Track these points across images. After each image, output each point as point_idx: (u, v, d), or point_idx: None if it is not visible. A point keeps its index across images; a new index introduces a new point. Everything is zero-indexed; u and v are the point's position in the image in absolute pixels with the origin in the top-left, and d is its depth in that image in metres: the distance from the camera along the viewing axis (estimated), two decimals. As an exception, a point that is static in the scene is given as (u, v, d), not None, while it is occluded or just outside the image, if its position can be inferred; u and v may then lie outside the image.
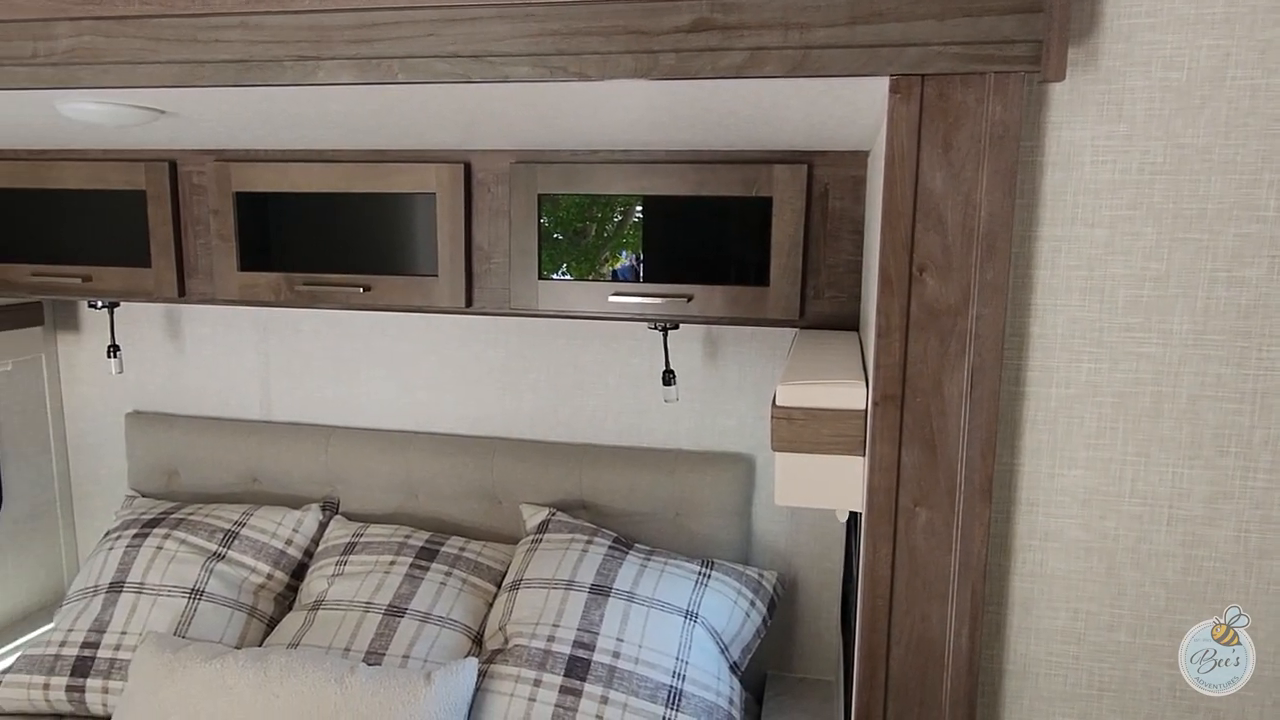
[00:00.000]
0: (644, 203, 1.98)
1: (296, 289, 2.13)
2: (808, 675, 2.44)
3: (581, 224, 2.03)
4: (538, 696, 1.96)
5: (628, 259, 2.02)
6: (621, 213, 2.01)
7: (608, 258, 2.03)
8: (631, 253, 2.01)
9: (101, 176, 2.16)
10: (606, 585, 2.12)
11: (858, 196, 1.90)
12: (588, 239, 2.03)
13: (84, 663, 2.16)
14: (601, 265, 2.03)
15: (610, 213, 2.01)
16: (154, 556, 2.31)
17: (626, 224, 2.01)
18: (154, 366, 2.69)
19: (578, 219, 2.02)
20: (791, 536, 2.40)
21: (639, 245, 2.01)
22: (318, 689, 1.86)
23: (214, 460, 2.60)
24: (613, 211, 2.01)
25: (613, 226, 2.02)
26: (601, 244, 2.02)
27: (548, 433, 2.49)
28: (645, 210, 1.98)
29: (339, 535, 2.42)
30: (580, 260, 2.03)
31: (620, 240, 2.02)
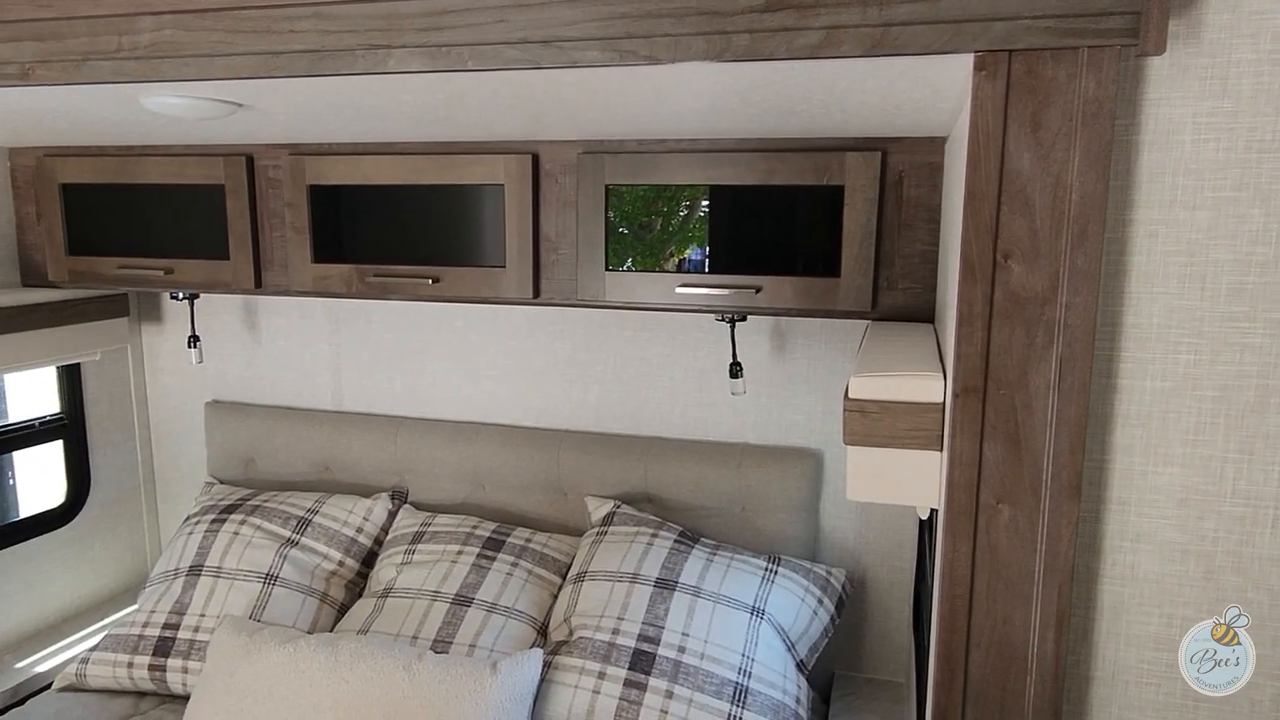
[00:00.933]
0: (711, 193, 1.95)
1: (367, 280, 2.15)
2: (876, 676, 2.39)
3: (647, 218, 2.00)
4: (602, 689, 1.95)
5: (695, 253, 1.99)
6: (687, 206, 1.98)
7: (673, 251, 2.00)
8: (698, 246, 1.98)
9: (182, 171, 2.22)
10: (672, 579, 2.10)
11: (934, 184, 1.84)
12: (653, 233, 2.01)
13: (165, 643, 2.23)
14: (666, 260, 2.00)
15: (676, 206, 1.99)
16: (231, 542, 2.38)
17: (693, 218, 1.98)
18: (232, 357, 2.77)
19: (643, 213, 2.00)
20: (861, 534, 2.34)
21: (705, 238, 1.98)
22: (386, 675, 1.88)
23: (288, 449, 2.66)
24: (678, 205, 1.99)
25: (678, 220, 1.99)
26: (667, 238, 2.00)
27: (613, 425, 2.48)
28: (712, 201, 1.95)
29: (408, 524, 2.45)
30: (645, 254, 2.01)
31: (686, 234, 1.99)
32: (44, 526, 2.58)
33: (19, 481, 2.85)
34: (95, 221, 2.34)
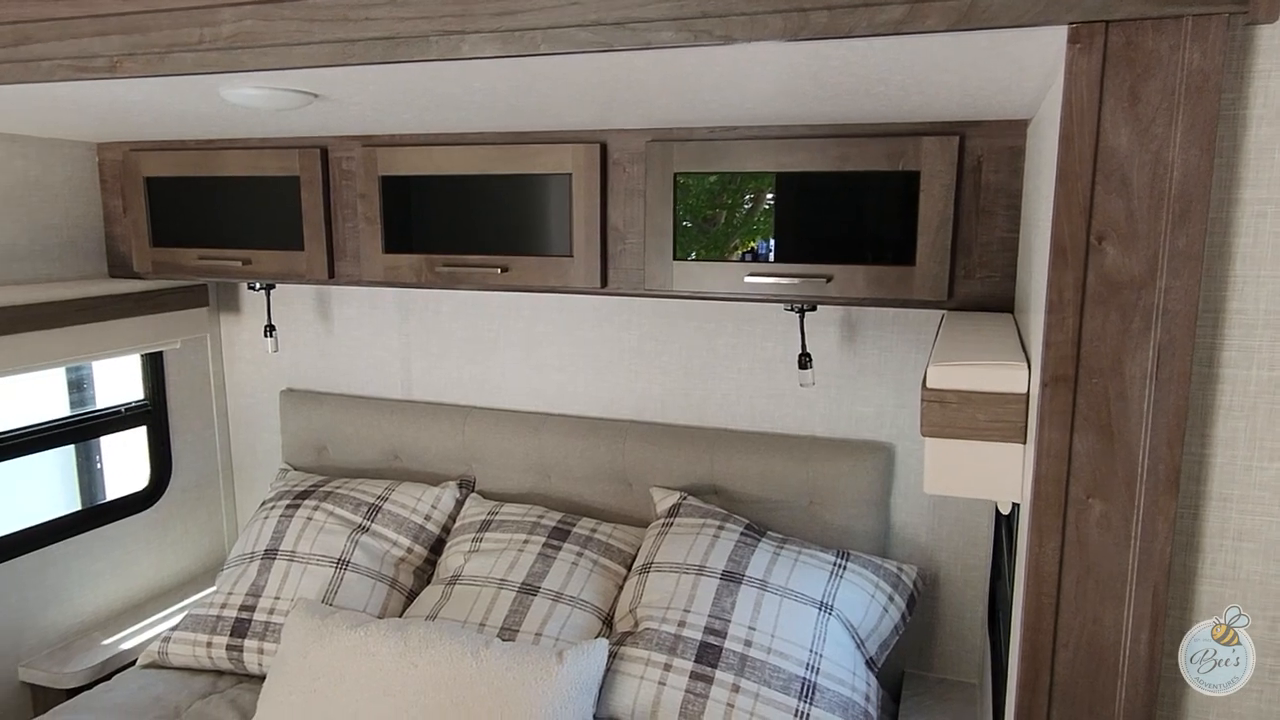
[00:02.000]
0: (781, 181, 1.91)
1: (437, 270, 2.17)
2: (948, 676, 2.33)
3: (711, 211, 1.98)
4: (668, 681, 1.94)
5: (760, 246, 1.96)
6: (752, 199, 1.95)
7: (737, 245, 1.97)
8: (763, 239, 1.95)
9: (259, 164, 2.27)
10: (738, 572, 2.07)
11: (1015, 169, 1.77)
12: (717, 226, 1.98)
13: (242, 624, 2.29)
14: (730, 254, 1.97)
15: (740, 199, 1.96)
16: (304, 527, 2.43)
17: (757, 210, 1.95)
18: (305, 346, 2.83)
19: (707, 206, 1.98)
20: (934, 530, 2.28)
21: (770, 230, 1.94)
22: (455, 661, 1.90)
23: (359, 437, 2.70)
24: (742, 198, 1.95)
25: (743, 214, 1.96)
26: (731, 231, 1.97)
27: (679, 416, 2.46)
28: (783, 188, 1.91)
29: (475, 513, 2.47)
30: (709, 248, 1.99)
31: (751, 227, 1.96)
32: (129, 509, 2.68)
33: (106, 465, 2.96)
34: (177, 214, 2.41)
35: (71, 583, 2.51)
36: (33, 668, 2.38)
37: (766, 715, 1.87)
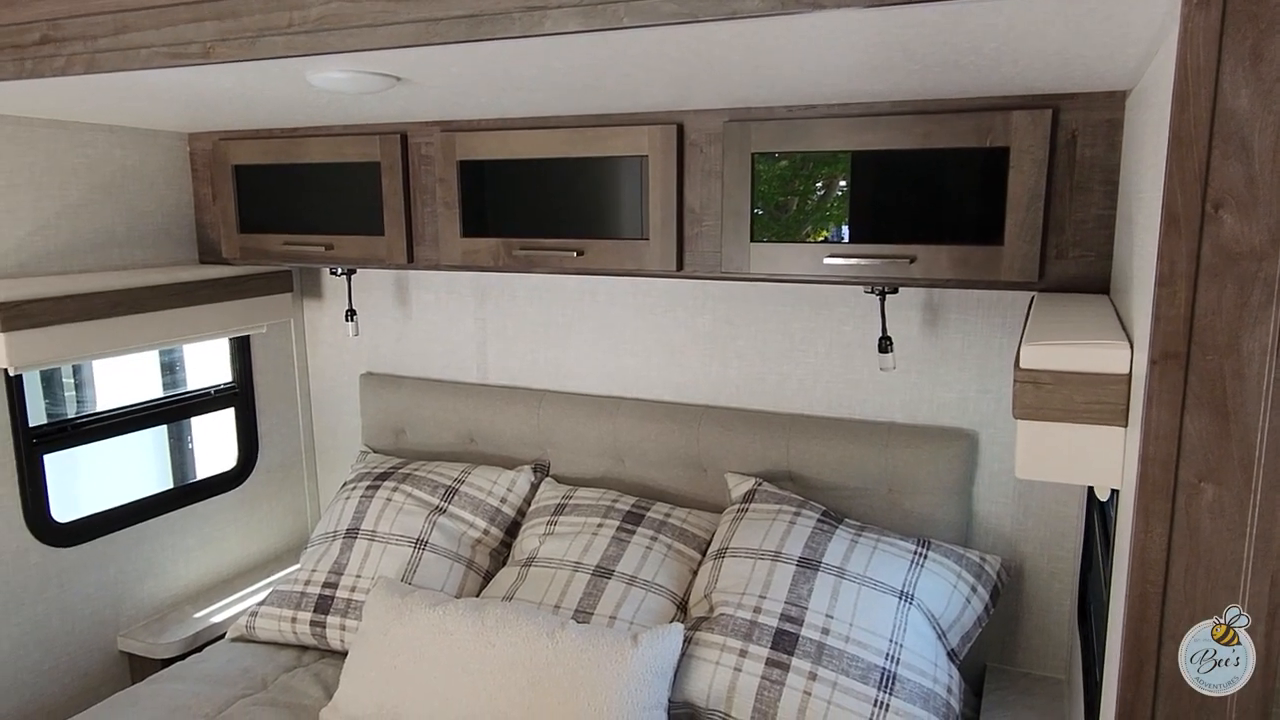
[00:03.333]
0: (862, 159, 1.86)
1: (514, 254, 2.19)
2: (1032, 671, 2.25)
3: (782, 198, 1.94)
4: (743, 667, 1.92)
5: (833, 233, 1.91)
6: (824, 186, 1.90)
7: (809, 233, 1.93)
8: (835, 226, 1.90)
9: (341, 150, 2.31)
10: (815, 559, 2.04)
11: (1112, 143, 1.70)
12: (788, 214, 1.94)
13: (325, 601, 2.35)
14: (803, 241, 1.94)
15: (812, 186, 1.91)
16: (384, 507, 2.48)
17: (830, 197, 1.91)
18: (384, 331, 2.88)
19: (779, 193, 1.94)
20: (1019, 520, 2.21)
21: (843, 218, 1.90)
22: (530, 641, 1.92)
23: (436, 420, 2.75)
24: (814, 184, 1.91)
25: (815, 200, 1.92)
26: (803, 219, 1.93)
27: (754, 401, 2.44)
28: (863, 167, 1.87)
29: (549, 496, 2.48)
30: (780, 236, 1.95)
31: (823, 213, 1.91)
32: (219, 488, 2.77)
33: (196, 445, 3.07)
34: (263, 201, 2.47)
35: (165, 558, 2.61)
36: (130, 637, 2.48)
37: (845, 705, 1.83)
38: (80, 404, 2.97)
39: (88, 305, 2.18)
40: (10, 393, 2.19)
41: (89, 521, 2.41)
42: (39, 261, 2.22)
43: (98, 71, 1.47)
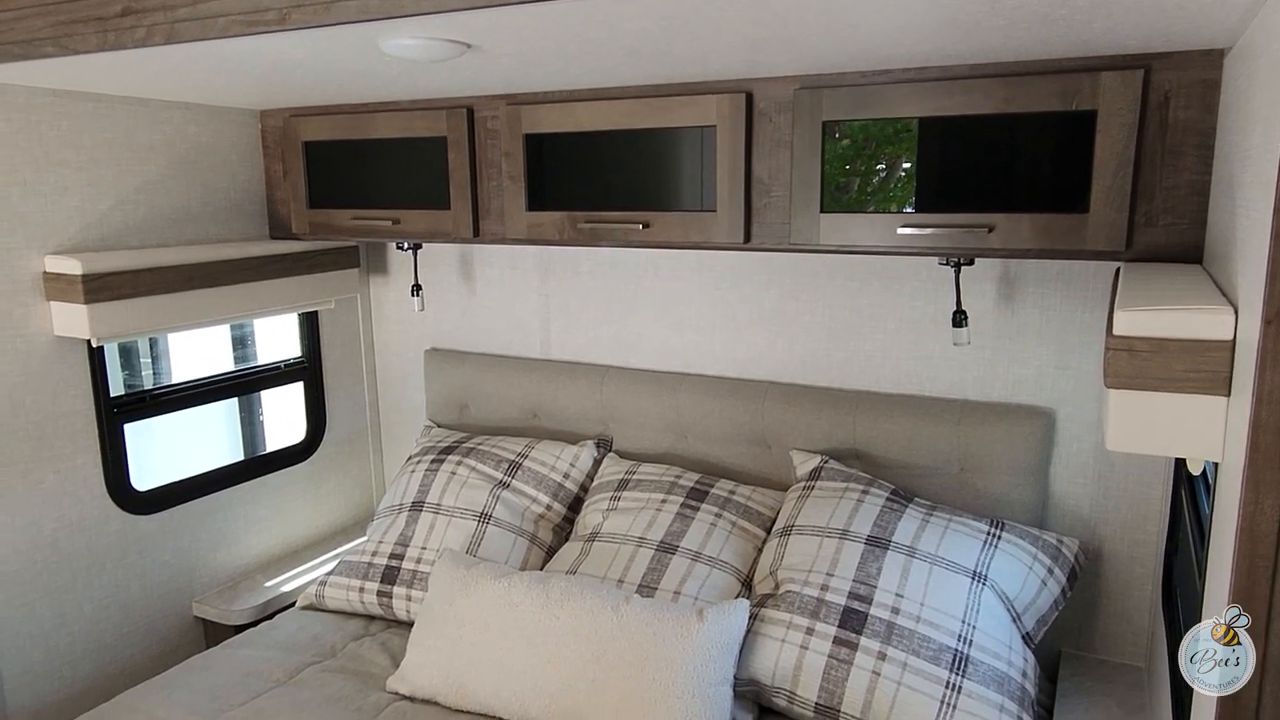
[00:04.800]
0: (938, 124, 1.80)
1: (579, 227, 2.17)
2: (1110, 658, 2.18)
3: (844, 179, 1.89)
4: (810, 645, 1.89)
5: (907, 206, 1.86)
6: (886, 166, 1.85)
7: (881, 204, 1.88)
8: (898, 207, 1.85)
9: (409, 125, 2.32)
10: (884, 538, 2.00)
11: (1208, 105, 1.61)
12: (849, 194, 1.89)
13: (391, 571, 2.38)
14: (876, 212, 1.89)
15: (873, 166, 1.86)
16: (448, 481, 2.50)
17: (893, 178, 1.86)
18: (449, 307, 2.90)
19: (839, 174, 1.89)
20: (1098, 502, 2.14)
21: (908, 199, 1.84)
22: (595, 614, 1.91)
23: (499, 395, 2.76)
24: (876, 165, 1.86)
25: (877, 182, 1.87)
26: (865, 199, 1.88)
27: (820, 378, 2.39)
28: (939, 132, 1.81)
29: (612, 472, 2.48)
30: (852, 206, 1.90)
31: (886, 194, 1.86)
32: (288, 460, 2.83)
33: (266, 419, 3.13)
34: (332, 176, 2.50)
35: (237, 527, 2.68)
36: (205, 604, 2.55)
37: (915, 685, 1.79)
38: (156, 376, 3.06)
39: (164, 279, 2.23)
40: (92, 363, 2.25)
41: (166, 491, 2.47)
42: (119, 236, 2.28)
43: (177, 41, 1.50)
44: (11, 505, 2.11)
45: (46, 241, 2.13)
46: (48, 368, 2.16)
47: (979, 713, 1.76)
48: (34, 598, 2.18)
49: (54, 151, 2.13)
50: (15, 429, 2.11)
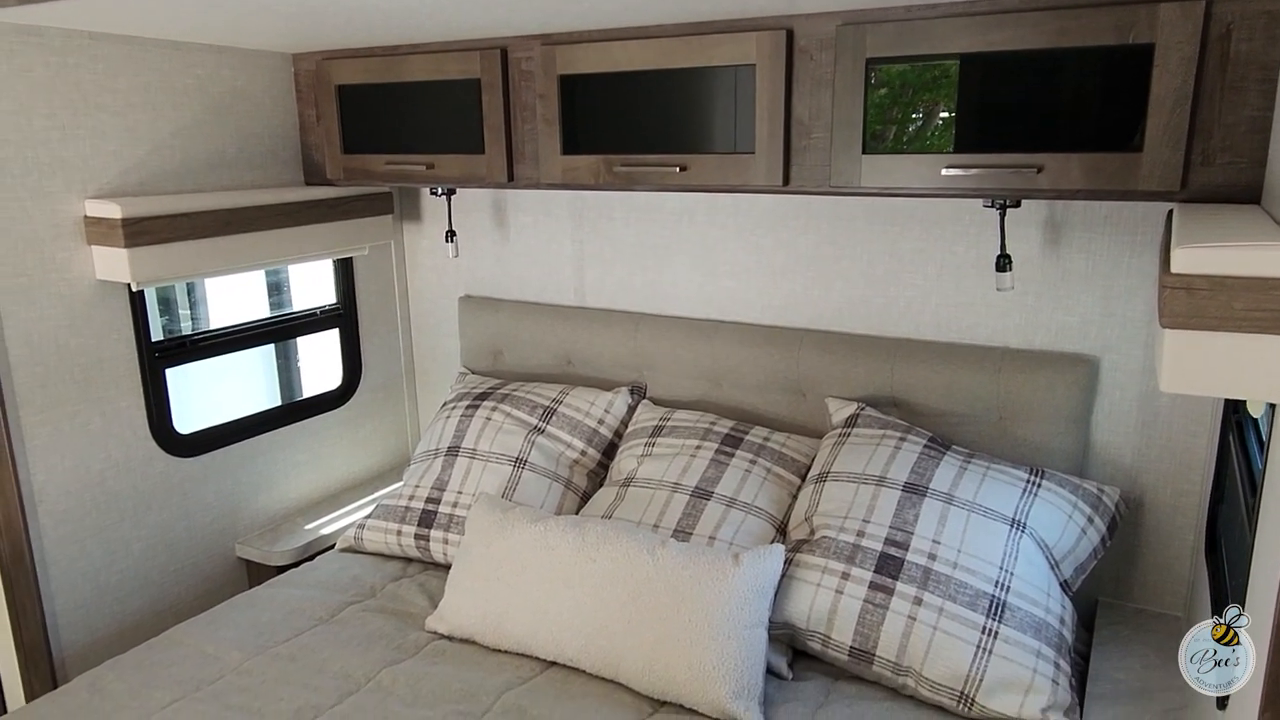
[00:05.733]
0: (986, 60, 1.74)
1: (614, 170, 2.14)
2: (1148, 608, 2.17)
3: (880, 126, 1.85)
4: (845, 590, 1.89)
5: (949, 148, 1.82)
6: (922, 114, 1.80)
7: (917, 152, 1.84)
8: (944, 147, 1.80)
9: (442, 67, 2.30)
10: (922, 485, 1.98)
11: (1272, 37, 1.54)
12: (893, 135, 1.85)
13: (428, 515, 2.41)
14: (919, 152, 1.84)
15: (909, 114, 1.81)
16: (484, 427, 2.51)
17: (930, 126, 1.80)
18: (482, 254, 2.89)
19: (877, 121, 1.85)
20: (1140, 451, 2.10)
21: (954, 139, 1.79)
22: (631, 557, 1.93)
23: (533, 342, 2.76)
24: (912, 114, 1.81)
25: (912, 131, 1.82)
26: (909, 139, 1.83)
27: (858, 325, 2.36)
28: (987, 68, 1.75)
29: (647, 418, 2.48)
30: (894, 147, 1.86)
31: (924, 143, 1.81)
32: (325, 406, 2.86)
33: (302, 366, 3.16)
34: (366, 121, 2.49)
35: (277, 471, 2.72)
36: (247, 545, 2.61)
37: (951, 630, 1.79)
38: (194, 322, 3.09)
39: (202, 224, 2.24)
40: (134, 308, 2.28)
41: (207, 434, 2.52)
42: (156, 181, 2.29)
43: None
44: (60, 446, 2.16)
45: (86, 186, 2.14)
46: (91, 312, 2.18)
47: (1015, 657, 1.75)
48: (84, 536, 2.23)
49: (91, 95, 2.13)
50: (61, 372, 2.14)
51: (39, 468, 2.12)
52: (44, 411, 2.12)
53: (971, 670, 1.76)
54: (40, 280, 2.08)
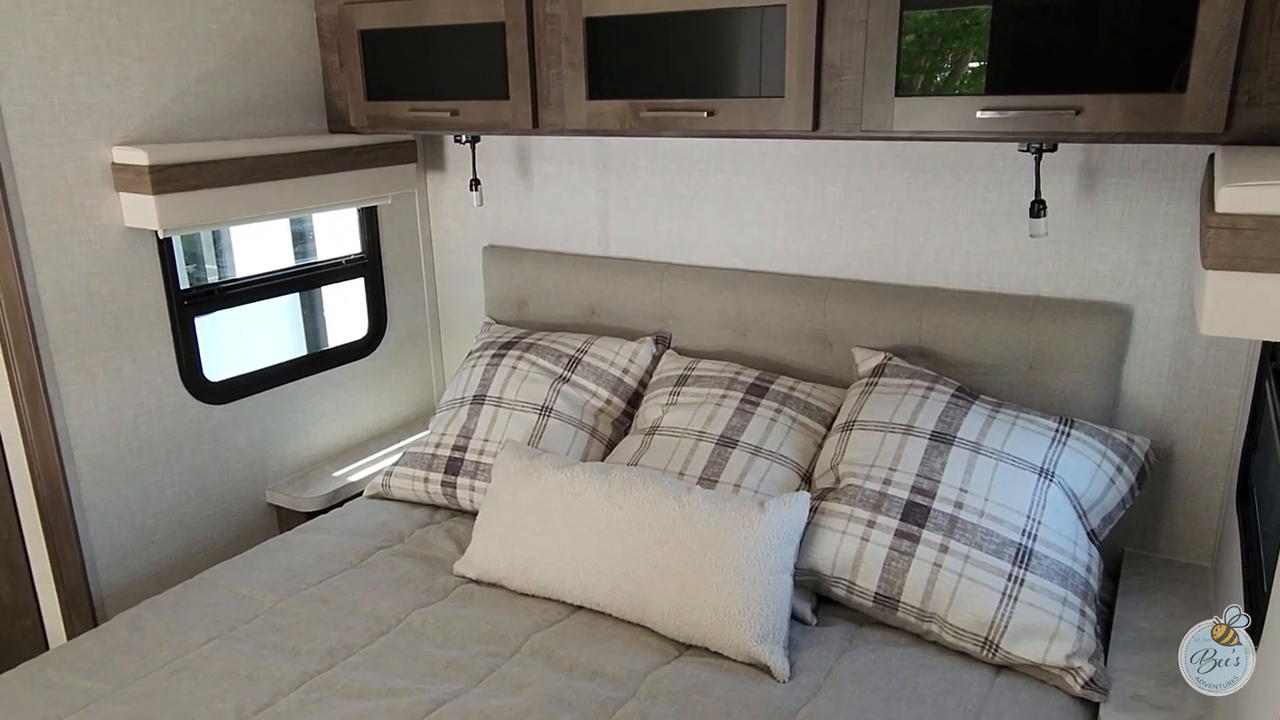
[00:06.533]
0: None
1: (641, 116, 2.12)
2: (1174, 558, 2.16)
3: (907, 75, 1.80)
4: (871, 537, 1.90)
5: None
6: (951, 62, 1.75)
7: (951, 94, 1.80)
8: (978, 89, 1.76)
9: (465, 11, 2.26)
10: (949, 434, 1.98)
11: (1327, -33, 1.49)
12: (927, 77, 1.80)
13: (455, 463, 2.44)
14: (954, 94, 1.80)
15: (939, 62, 1.77)
16: (509, 375, 2.52)
17: (959, 74, 1.76)
18: (506, 203, 2.88)
19: (905, 69, 1.80)
20: (1171, 401, 2.08)
21: (988, 80, 1.75)
22: (657, 504, 1.94)
23: (558, 292, 2.76)
24: (942, 60, 1.77)
25: (940, 80, 1.78)
26: (943, 81, 1.79)
27: (886, 274, 2.34)
28: (1023, 6, 1.70)
29: (672, 368, 2.48)
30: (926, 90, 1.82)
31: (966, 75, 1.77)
32: (351, 356, 2.88)
33: (327, 315, 3.18)
34: (389, 67, 2.46)
35: (305, 420, 2.75)
36: (277, 491, 2.65)
37: (977, 578, 1.80)
38: (221, 271, 3.11)
39: (228, 171, 2.24)
40: (162, 256, 2.29)
41: (236, 382, 2.55)
42: (181, 128, 2.29)
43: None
44: (95, 392, 2.19)
45: (113, 132, 2.14)
46: (120, 259, 2.20)
47: (1041, 604, 1.76)
48: (119, 481, 2.28)
49: (115, 40, 2.12)
50: (93, 318, 2.17)
51: (74, 413, 2.16)
52: (77, 358, 2.15)
53: (996, 617, 1.76)
54: (70, 228, 2.10)
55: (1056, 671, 1.72)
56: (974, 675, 1.77)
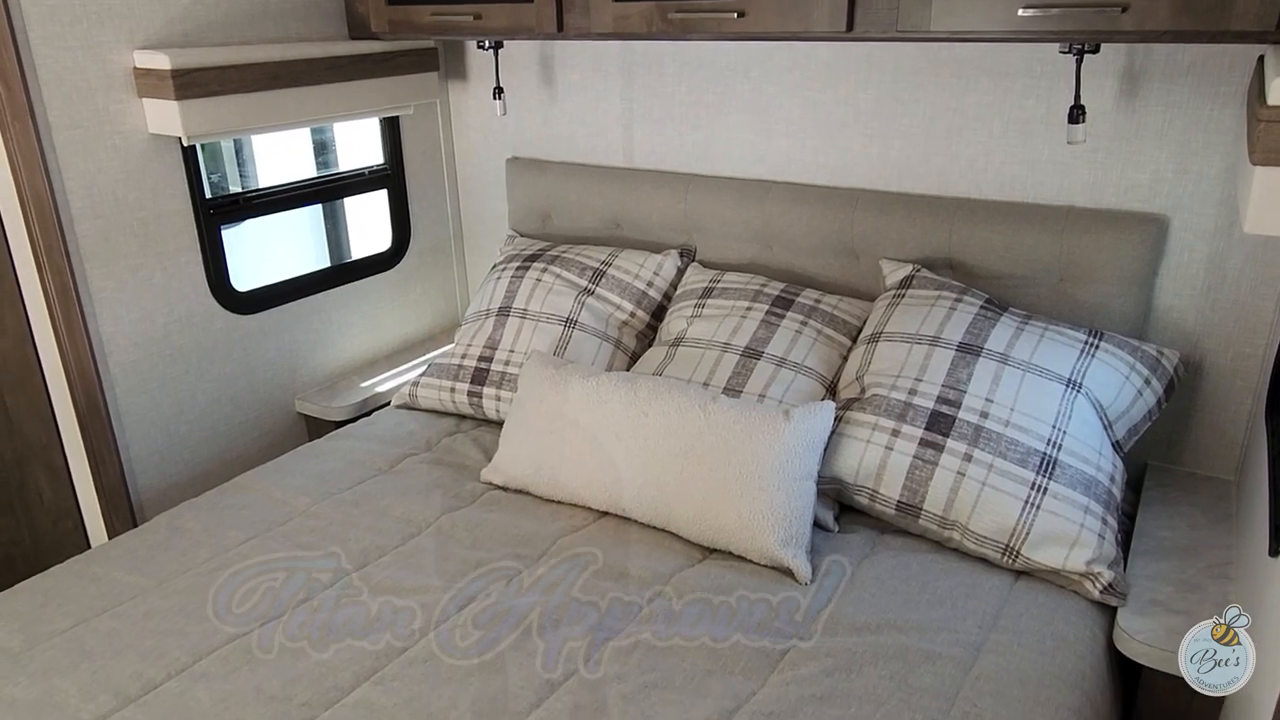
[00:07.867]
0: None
1: (668, 17, 2.06)
2: (1198, 471, 2.17)
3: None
4: (895, 446, 1.91)
5: None
6: None
7: None
8: None
9: (488, -92, 2.19)
10: (976, 345, 1.97)
11: None
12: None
13: (481, 373, 2.46)
14: None
15: None
16: (534, 288, 2.52)
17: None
18: (530, 114, 2.83)
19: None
20: (1203, 314, 2.06)
21: None
22: (683, 412, 1.95)
23: (582, 205, 2.73)
24: None
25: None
26: None
27: (916, 184, 2.30)
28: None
29: (696, 280, 2.47)
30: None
31: None
32: (376, 268, 2.89)
33: (350, 228, 3.18)
34: (409, -31, 2.40)
35: (332, 331, 2.77)
36: (306, 400, 2.69)
37: (1000, 486, 1.81)
38: (244, 181, 3.10)
39: (251, 76, 2.21)
40: (187, 164, 2.28)
41: (263, 292, 2.56)
42: (202, 32, 2.25)
43: None
44: (126, 299, 2.22)
45: (134, 36, 2.11)
46: (146, 165, 2.19)
47: (1063, 512, 1.77)
48: (152, 387, 2.32)
49: (132, -61, 2.07)
50: (122, 225, 2.17)
51: (106, 319, 2.19)
52: (108, 265, 2.17)
53: (1018, 524, 1.78)
54: (95, 132, 2.09)
55: (1076, 577, 1.75)
56: (993, 580, 1.80)
